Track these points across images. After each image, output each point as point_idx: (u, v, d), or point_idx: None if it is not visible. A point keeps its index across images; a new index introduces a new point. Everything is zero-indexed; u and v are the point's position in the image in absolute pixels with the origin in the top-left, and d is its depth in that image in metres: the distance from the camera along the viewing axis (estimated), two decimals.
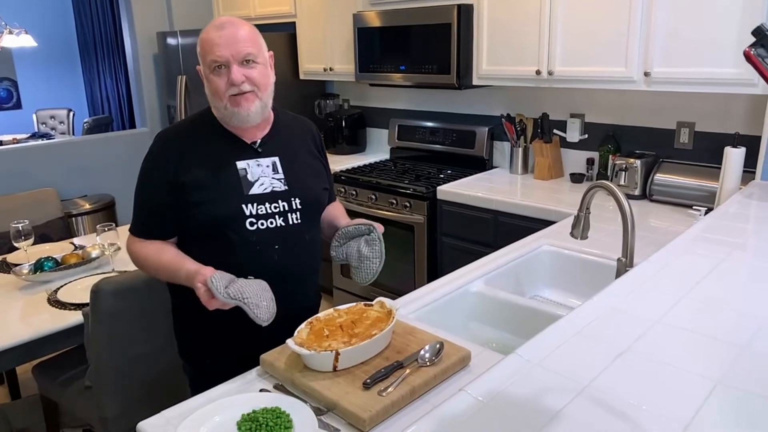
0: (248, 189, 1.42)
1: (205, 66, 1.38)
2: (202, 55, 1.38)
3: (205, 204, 1.38)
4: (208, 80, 1.39)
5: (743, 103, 2.40)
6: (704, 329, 1.04)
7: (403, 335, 1.30)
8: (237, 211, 1.40)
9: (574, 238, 1.60)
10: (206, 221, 1.39)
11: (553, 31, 2.53)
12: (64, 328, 1.90)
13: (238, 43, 1.35)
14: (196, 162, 1.40)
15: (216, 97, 1.39)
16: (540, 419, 0.79)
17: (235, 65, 1.35)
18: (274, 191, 1.45)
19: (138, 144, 4.27)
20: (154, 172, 1.41)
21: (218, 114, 1.43)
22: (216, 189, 1.39)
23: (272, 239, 1.43)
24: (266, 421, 1.04)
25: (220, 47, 1.34)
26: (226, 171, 1.41)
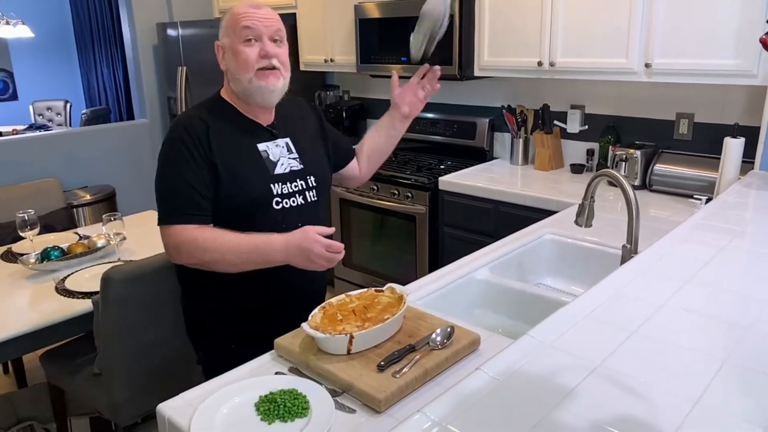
0: (272, 169, 1.47)
1: (235, 36, 1.40)
2: (231, 26, 1.40)
3: (237, 185, 1.40)
4: (235, 52, 1.40)
5: (741, 95, 2.43)
6: (709, 312, 1.08)
7: (414, 320, 1.33)
8: (266, 191, 1.44)
9: (579, 225, 1.63)
10: (238, 202, 1.41)
11: (555, 23, 2.56)
12: (73, 317, 1.92)
13: (271, 19, 1.42)
14: (223, 145, 1.41)
15: (243, 69, 1.40)
16: (555, 396, 0.82)
17: (267, 38, 1.40)
18: (293, 170, 1.51)
19: (138, 135, 4.27)
20: (189, 154, 1.38)
21: (239, 88, 1.43)
22: (245, 170, 1.42)
23: (294, 217, 1.48)
24: (284, 402, 1.06)
25: (253, 19, 1.39)
26: (250, 153, 1.45)
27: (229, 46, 1.42)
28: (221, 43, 1.45)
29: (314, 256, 1.31)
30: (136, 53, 4.22)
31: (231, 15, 1.42)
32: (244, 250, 1.35)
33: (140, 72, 4.23)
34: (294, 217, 1.48)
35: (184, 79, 3.89)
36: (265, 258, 1.36)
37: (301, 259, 1.33)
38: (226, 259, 1.35)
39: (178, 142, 1.39)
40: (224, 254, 1.35)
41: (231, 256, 1.35)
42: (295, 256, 1.33)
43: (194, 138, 1.38)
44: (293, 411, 1.05)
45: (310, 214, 1.52)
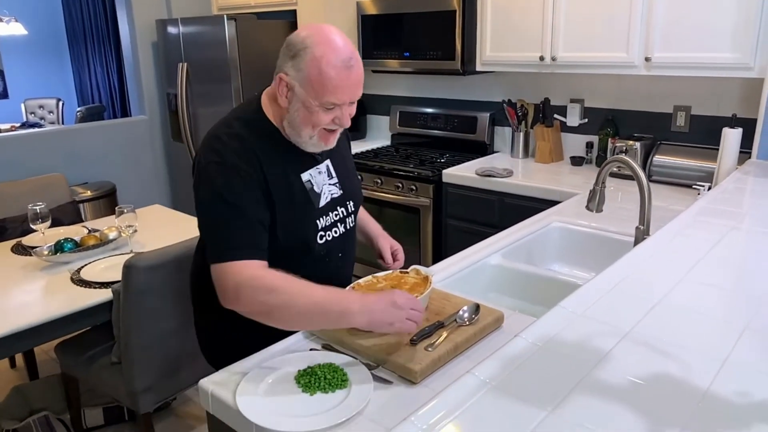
0: (317, 202, 1.34)
1: (315, 96, 1.21)
2: (317, 88, 1.20)
3: (286, 227, 1.28)
4: (309, 109, 1.23)
5: (736, 87, 2.52)
6: (724, 285, 1.14)
7: (439, 300, 1.38)
8: (313, 228, 1.34)
9: (590, 210, 1.69)
10: (285, 244, 1.28)
11: (557, 18, 2.62)
12: (89, 306, 1.94)
13: (358, 86, 1.26)
14: (275, 180, 1.26)
15: (308, 126, 1.25)
16: (592, 358, 0.88)
17: (346, 106, 1.26)
18: (333, 198, 1.39)
19: (137, 131, 4.27)
20: (245, 183, 1.22)
21: (292, 135, 1.29)
22: (295, 210, 1.30)
23: (336, 248, 1.41)
24: (324, 375, 1.11)
25: (345, 92, 1.23)
26: (296, 185, 1.31)
27: (302, 97, 1.22)
28: (289, 82, 1.23)
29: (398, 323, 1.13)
30: (134, 50, 4.23)
31: (318, 73, 1.19)
32: (317, 296, 1.14)
33: (139, 69, 4.24)
34: (336, 248, 1.40)
35: (185, 76, 3.91)
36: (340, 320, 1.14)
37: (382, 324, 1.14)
38: (296, 303, 1.14)
39: (232, 170, 1.21)
40: (294, 297, 1.14)
41: (302, 300, 1.14)
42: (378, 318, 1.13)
43: (249, 166, 1.23)
44: (333, 383, 1.10)
45: (350, 241, 1.45)
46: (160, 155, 4.41)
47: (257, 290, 1.15)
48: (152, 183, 4.38)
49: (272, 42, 3.84)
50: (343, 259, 1.45)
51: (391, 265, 1.56)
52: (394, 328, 1.13)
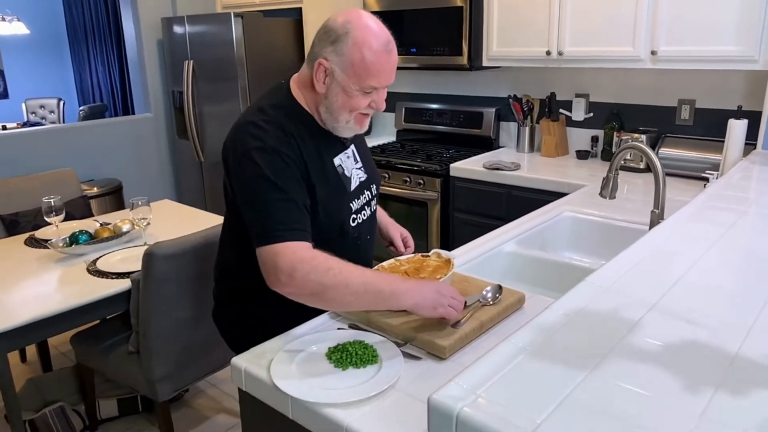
0: (348, 186, 1.38)
1: (355, 81, 1.24)
2: (359, 73, 1.23)
3: (325, 211, 1.30)
4: (348, 94, 1.26)
5: (740, 81, 2.56)
6: (743, 263, 1.18)
7: (460, 282, 1.42)
8: (347, 211, 1.37)
9: (604, 197, 1.73)
10: (322, 228, 1.30)
11: (563, 12, 2.66)
12: (106, 296, 1.96)
13: (395, 70, 1.30)
14: (313, 166, 1.29)
15: (346, 111, 1.28)
16: (623, 327, 0.91)
17: (383, 90, 1.31)
18: (361, 182, 1.42)
19: (142, 129, 4.29)
20: (288, 168, 1.23)
21: (328, 120, 1.31)
22: (331, 194, 1.33)
23: (365, 230, 1.45)
24: (355, 351, 1.14)
25: (385, 75, 1.26)
26: (329, 169, 1.34)
27: (342, 82, 1.25)
28: (328, 67, 1.25)
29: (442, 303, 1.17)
30: (139, 48, 4.25)
31: (361, 57, 1.22)
32: (369, 277, 1.17)
33: (144, 66, 4.26)
34: (366, 230, 1.45)
35: (191, 73, 3.94)
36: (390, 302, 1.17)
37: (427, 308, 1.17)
38: (351, 283, 1.14)
39: (274, 153, 1.23)
40: (348, 277, 1.15)
41: (356, 280, 1.15)
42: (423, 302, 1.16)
43: (289, 150, 1.25)
44: (365, 359, 1.13)
45: (375, 224, 1.50)
46: (165, 152, 4.43)
47: (315, 270, 1.14)
48: (157, 180, 4.40)
49: (278, 39, 3.87)
50: (371, 242, 1.50)
51: (403, 251, 1.61)
52: (437, 313, 1.17)
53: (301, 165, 1.26)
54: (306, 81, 1.32)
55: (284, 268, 1.15)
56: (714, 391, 0.75)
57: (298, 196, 1.23)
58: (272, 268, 1.17)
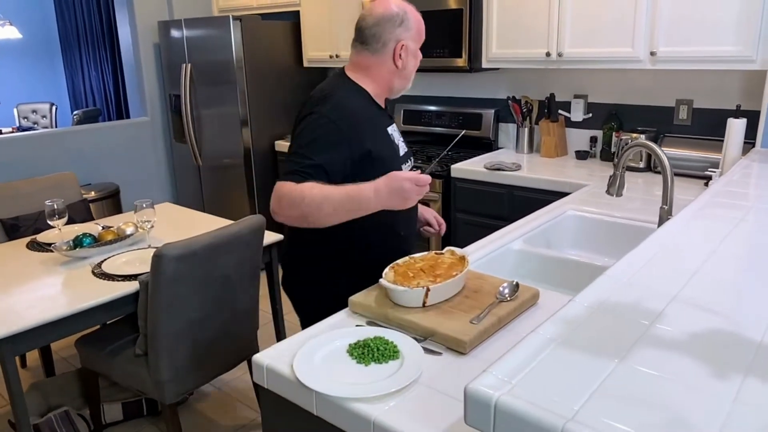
0: (398, 151, 1.64)
1: (418, 41, 1.59)
2: (420, 33, 1.59)
3: (383, 167, 1.47)
4: (417, 56, 1.60)
5: (737, 81, 2.60)
6: (755, 256, 1.20)
7: (474, 279, 1.43)
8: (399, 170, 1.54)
9: (611, 195, 1.75)
10: None
11: (563, 14, 2.69)
12: (116, 298, 1.96)
13: None
14: (371, 133, 1.53)
15: (414, 71, 1.61)
16: (648, 317, 0.92)
17: None
18: (405, 152, 1.69)
19: (139, 133, 4.28)
20: (340, 137, 1.45)
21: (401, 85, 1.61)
22: (388, 154, 1.58)
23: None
24: (377, 346, 1.15)
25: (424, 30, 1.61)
26: (386, 137, 1.60)
27: (413, 50, 1.58)
28: (406, 44, 1.55)
29: (406, 192, 1.37)
30: (136, 52, 4.24)
31: (417, 22, 1.57)
32: (336, 198, 1.38)
33: (141, 70, 4.25)
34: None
35: (189, 77, 3.93)
36: (358, 205, 1.39)
37: (396, 199, 1.38)
38: (322, 208, 1.38)
39: (331, 124, 1.45)
40: (320, 204, 1.37)
41: (326, 205, 1.38)
42: (389, 197, 1.38)
43: (350, 127, 1.47)
44: (386, 354, 1.13)
45: None
46: (162, 156, 4.42)
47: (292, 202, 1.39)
48: (154, 184, 4.39)
49: (277, 42, 3.87)
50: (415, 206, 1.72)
51: (437, 230, 1.91)
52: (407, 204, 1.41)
53: (356, 138, 1.48)
54: (363, 65, 1.58)
55: (274, 200, 1.42)
56: (744, 377, 0.76)
57: (325, 160, 1.43)
58: (272, 199, 1.43)
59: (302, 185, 1.39)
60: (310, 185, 1.39)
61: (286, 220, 1.44)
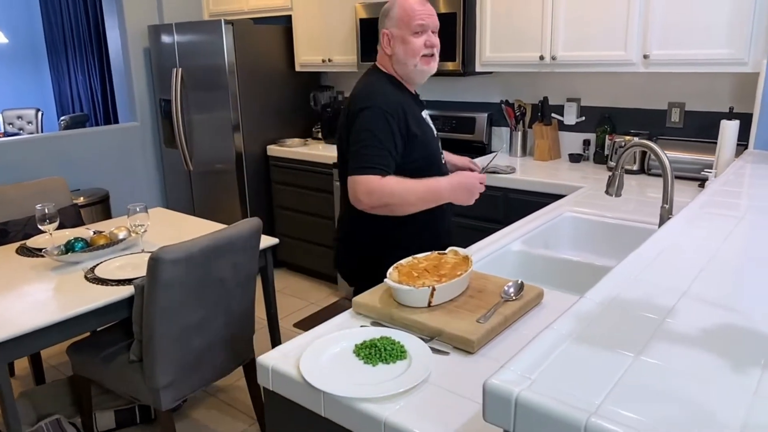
0: (433, 133, 1.84)
1: (406, 29, 1.69)
2: (405, 20, 1.69)
3: (424, 147, 1.74)
4: (405, 42, 1.70)
5: (728, 83, 2.63)
6: (759, 253, 1.20)
7: (478, 279, 1.42)
8: (437, 150, 1.83)
9: (610, 195, 1.75)
10: (427, 161, 1.76)
11: (556, 17, 2.71)
12: (111, 303, 1.92)
13: (433, 16, 1.73)
14: (412, 118, 1.72)
15: (411, 55, 1.71)
16: (659, 313, 0.92)
17: (430, 31, 1.72)
18: (437, 135, 1.88)
19: (128, 138, 4.24)
20: (393, 124, 1.65)
21: (404, 71, 1.74)
22: (425, 135, 1.76)
23: (445, 170, 1.88)
24: (384, 346, 1.13)
25: (423, 16, 1.69)
26: (422, 121, 1.78)
27: (398, 36, 1.71)
28: (389, 32, 1.72)
29: (475, 189, 1.69)
30: (125, 56, 4.20)
31: (403, 10, 1.69)
32: (419, 191, 1.63)
33: (130, 75, 4.21)
34: (445, 170, 1.87)
35: (180, 81, 3.90)
36: (435, 198, 1.68)
37: (465, 194, 1.69)
38: (406, 200, 1.63)
39: (385, 114, 1.65)
40: (404, 197, 1.62)
41: (411, 197, 1.63)
42: (460, 193, 1.69)
43: (398, 114, 1.67)
44: (394, 354, 1.12)
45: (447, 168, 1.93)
46: (151, 161, 4.38)
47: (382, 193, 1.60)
48: (144, 188, 4.34)
49: (269, 46, 3.86)
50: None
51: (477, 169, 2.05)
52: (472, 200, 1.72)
53: (403, 122, 1.67)
54: (383, 57, 1.77)
55: (363, 192, 1.61)
56: (762, 370, 0.76)
57: (390, 146, 1.64)
58: (353, 192, 1.63)
59: (388, 180, 1.61)
60: (395, 180, 1.62)
61: (370, 210, 1.64)
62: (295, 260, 3.98)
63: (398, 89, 1.75)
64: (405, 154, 1.69)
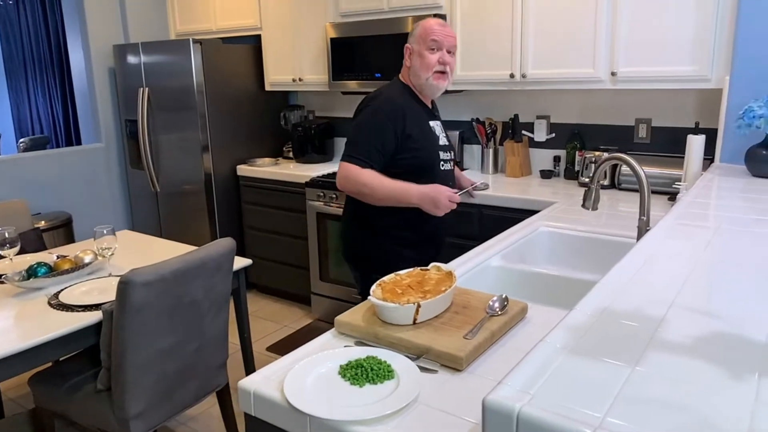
0: (438, 141, 1.99)
1: (423, 44, 1.90)
2: (423, 36, 1.90)
3: (421, 149, 1.92)
4: (421, 56, 1.91)
5: (693, 99, 2.71)
6: (741, 259, 1.22)
7: (461, 294, 1.40)
8: (436, 155, 1.98)
9: (586, 209, 1.76)
10: (420, 162, 1.92)
11: (525, 36, 2.76)
12: (75, 330, 1.84)
13: (450, 37, 1.93)
14: (412, 120, 1.90)
15: (424, 69, 1.91)
16: (652, 322, 0.91)
17: (445, 50, 1.91)
18: (444, 145, 2.03)
19: (92, 159, 4.12)
20: (388, 123, 1.86)
21: (417, 82, 1.95)
22: (425, 140, 1.94)
23: (449, 178, 2.05)
24: (371, 366, 1.10)
25: (439, 34, 1.90)
26: (426, 128, 1.96)
27: (417, 50, 1.92)
28: (410, 47, 1.95)
29: (440, 204, 1.85)
30: (89, 77, 4.10)
31: (423, 28, 1.92)
32: (389, 189, 1.84)
33: (95, 96, 4.11)
34: (449, 178, 2.04)
35: (146, 101, 3.82)
36: (403, 199, 1.86)
37: (430, 205, 1.85)
38: (376, 193, 1.85)
39: (384, 114, 1.88)
40: (375, 189, 1.84)
41: (380, 192, 1.85)
42: (426, 202, 1.85)
43: (396, 115, 1.87)
44: (381, 374, 1.09)
45: (453, 178, 2.11)
46: (116, 183, 4.26)
47: (355, 182, 1.85)
48: (109, 211, 4.22)
49: (238, 66, 3.82)
50: (453, 186, 2.04)
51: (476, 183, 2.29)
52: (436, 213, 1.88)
53: (400, 123, 1.87)
54: (404, 71, 2.01)
55: (342, 177, 1.87)
56: (759, 377, 0.75)
57: (380, 144, 1.86)
58: (340, 175, 1.88)
59: (365, 172, 1.83)
60: (372, 174, 1.84)
61: (347, 192, 1.93)
62: (266, 282, 3.91)
63: (411, 97, 1.97)
64: (398, 152, 1.88)
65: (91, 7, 3.98)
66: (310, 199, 3.38)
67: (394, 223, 1.97)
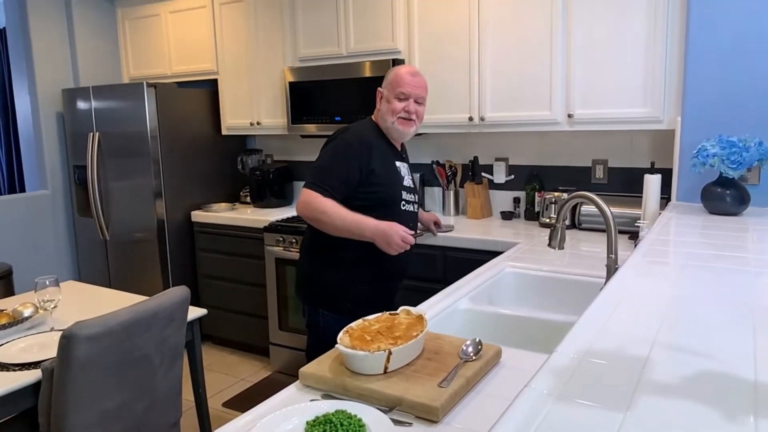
0: (402, 181, 2.04)
1: (391, 92, 1.99)
2: (393, 84, 1.99)
3: (382, 185, 1.97)
4: (389, 101, 1.99)
5: (647, 140, 2.79)
6: (708, 294, 1.21)
7: (432, 339, 1.34)
8: (399, 194, 2.02)
9: (553, 248, 1.75)
10: (381, 198, 1.97)
11: (483, 80, 2.81)
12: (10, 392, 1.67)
13: (419, 88, 2.00)
14: (378, 156, 1.96)
15: (390, 113, 1.99)
16: (636, 363, 0.87)
17: (412, 100, 1.98)
18: (410, 187, 2.08)
19: (37, 207, 3.92)
20: (353, 156, 1.91)
21: (384, 125, 2.02)
22: (388, 177, 1.99)
23: (410, 218, 2.06)
24: (340, 422, 1.01)
25: (410, 85, 1.97)
26: (391, 166, 2.01)
27: (386, 96, 2.01)
28: (381, 91, 2.04)
29: (393, 242, 1.86)
30: (36, 122, 3.95)
31: (395, 75, 2.00)
32: (346, 219, 1.86)
33: (41, 141, 3.95)
34: (410, 218, 2.06)
35: (96, 146, 3.69)
36: (358, 232, 1.87)
37: (383, 242, 1.86)
38: (333, 222, 1.87)
39: (349, 147, 1.93)
40: (333, 218, 1.86)
41: (337, 221, 1.86)
42: (379, 237, 1.86)
43: (361, 149, 1.93)
44: (351, 429, 1.00)
45: (415, 220, 2.13)
46: (62, 232, 4.06)
47: (315, 209, 1.87)
48: (53, 262, 3.99)
49: (194, 110, 3.75)
50: (413, 227, 2.08)
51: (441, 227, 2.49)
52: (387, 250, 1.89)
53: (365, 157, 1.92)
54: (376, 111, 2.07)
55: (302, 202, 1.89)
56: (754, 417, 0.72)
57: (344, 175, 1.90)
58: (300, 200, 1.90)
59: (326, 201, 1.86)
60: (332, 203, 1.87)
61: (304, 218, 1.93)
62: (222, 333, 3.74)
63: (380, 135, 2.02)
64: (361, 185, 1.92)
65: (39, 50, 3.87)
66: (268, 244, 3.28)
67: (350, 256, 1.97)
